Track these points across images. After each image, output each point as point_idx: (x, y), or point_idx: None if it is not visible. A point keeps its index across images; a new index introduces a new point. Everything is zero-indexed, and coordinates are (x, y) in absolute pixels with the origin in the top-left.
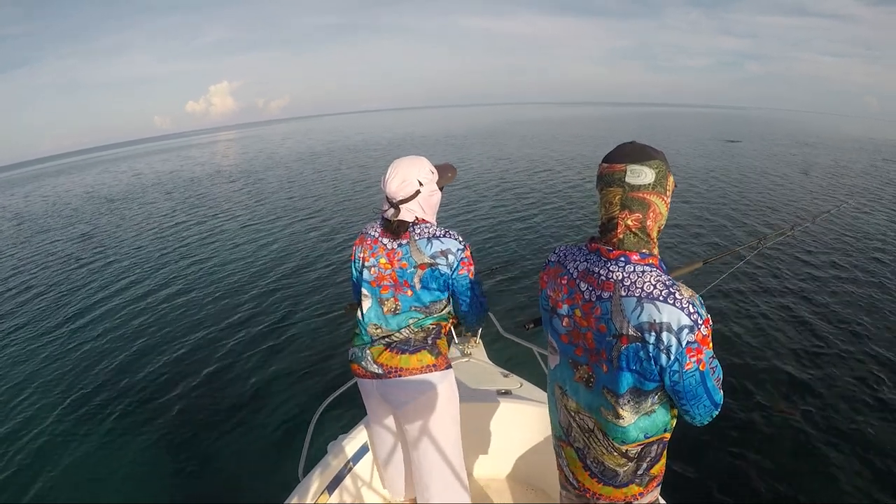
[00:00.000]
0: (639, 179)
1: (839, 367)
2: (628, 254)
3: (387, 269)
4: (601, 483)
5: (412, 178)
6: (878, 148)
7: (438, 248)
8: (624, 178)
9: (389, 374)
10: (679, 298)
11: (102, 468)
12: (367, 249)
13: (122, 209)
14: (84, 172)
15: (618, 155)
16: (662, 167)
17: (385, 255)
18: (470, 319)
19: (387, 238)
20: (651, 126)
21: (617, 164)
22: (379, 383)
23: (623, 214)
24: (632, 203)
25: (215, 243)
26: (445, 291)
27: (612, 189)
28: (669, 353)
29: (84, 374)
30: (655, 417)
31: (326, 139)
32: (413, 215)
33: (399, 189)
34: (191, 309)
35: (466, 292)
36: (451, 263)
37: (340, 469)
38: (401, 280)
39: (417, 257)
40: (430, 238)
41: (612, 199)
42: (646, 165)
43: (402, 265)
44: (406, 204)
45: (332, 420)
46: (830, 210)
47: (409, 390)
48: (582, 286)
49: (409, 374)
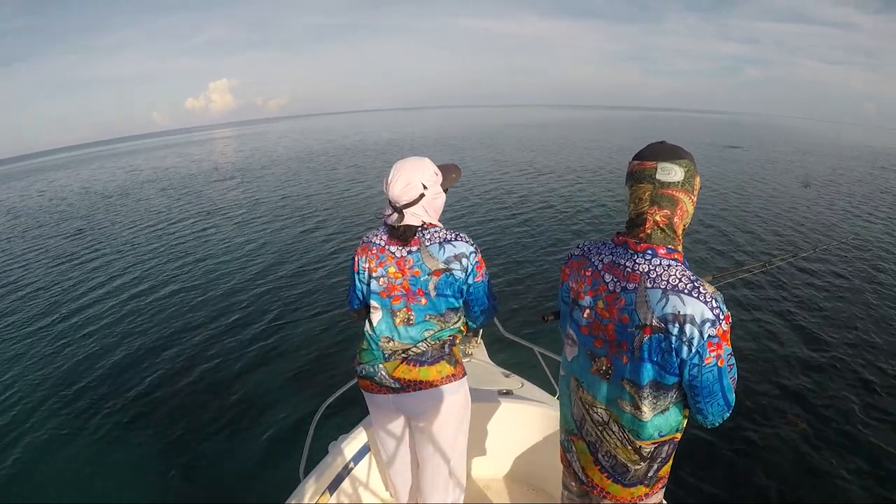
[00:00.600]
0: (669, 177)
1: (842, 376)
2: (655, 247)
3: (397, 279)
4: (610, 479)
5: (416, 180)
6: (877, 156)
7: (452, 253)
8: (655, 174)
9: (408, 387)
10: (703, 293)
11: (102, 469)
12: (372, 259)
13: (118, 205)
14: (81, 167)
15: (649, 153)
16: (691, 167)
17: (394, 264)
18: (483, 321)
19: (394, 246)
20: (652, 129)
21: (648, 162)
22: (395, 397)
23: (652, 210)
24: (661, 199)
25: (214, 242)
26: (460, 298)
27: (642, 185)
28: (691, 346)
29: (82, 374)
30: (669, 416)
31: (324, 138)
32: (419, 219)
33: (403, 192)
34: (190, 308)
35: (482, 296)
36: (466, 267)
37: (341, 469)
38: (413, 288)
39: (431, 263)
40: (441, 243)
41: (641, 195)
42: (676, 164)
43: (414, 273)
44: (410, 208)
45: (333, 420)
46: (839, 241)
47: (429, 401)
48: (607, 277)
49: (430, 387)
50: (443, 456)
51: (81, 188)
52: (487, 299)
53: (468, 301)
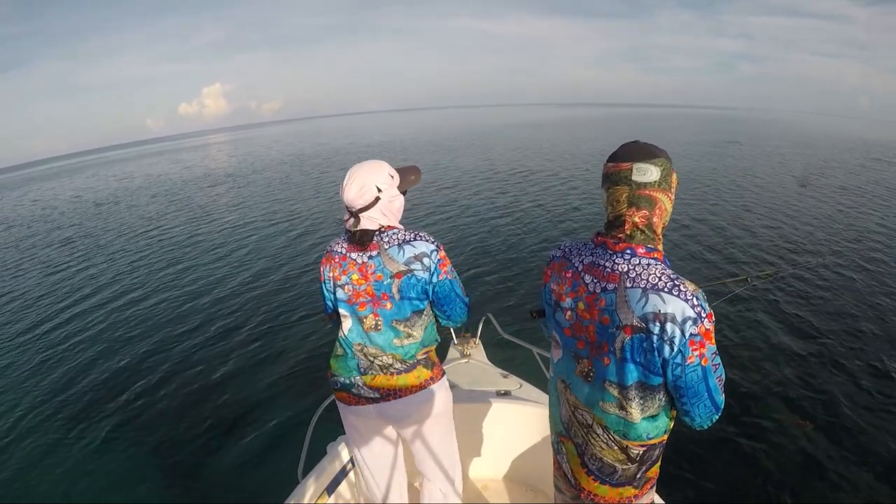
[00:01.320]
0: (645, 177)
1: (836, 373)
2: (634, 247)
3: (361, 285)
4: (597, 481)
5: (370, 184)
6: (870, 149)
7: (412, 254)
8: (630, 176)
9: (389, 396)
10: (683, 291)
11: (101, 469)
12: (336, 268)
13: (109, 213)
14: (75, 176)
15: (623, 154)
16: (667, 165)
17: (357, 271)
18: (455, 319)
19: (355, 252)
20: (648, 128)
21: (623, 163)
22: (377, 406)
23: (630, 212)
24: (639, 200)
25: (205, 247)
26: (425, 300)
27: (618, 187)
28: (673, 345)
29: (80, 377)
30: (658, 421)
31: (317, 142)
32: (376, 223)
33: (357, 196)
34: (186, 311)
35: (450, 294)
36: (429, 267)
37: (339, 470)
38: (378, 293)
39: (392, 266)
40: (400, 244)
41: (619, 196)
42: (651, 163)
43: (377, 277)
44: (366, 212)
45: (332, 421)
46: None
47: (412, 406)
48: (586, 279)
49: (410, 393)
50: (435, 458)
51: (74, 196)
52: (455, 297)
53: (435, 301)
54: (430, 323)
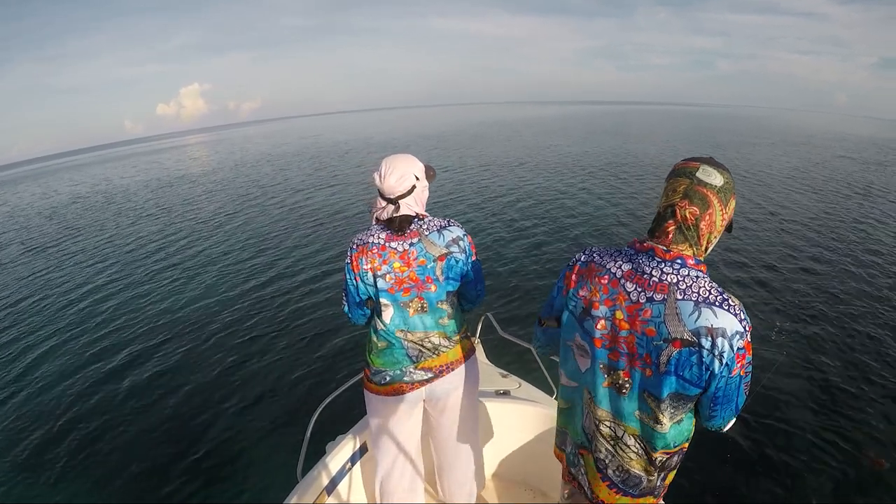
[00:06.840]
0: (708, 178)
1: (840, 374)
2: (685, 257)
3: (403, 272)
4: (619, 493)
5: (409, 172)
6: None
7: (450, 237)
8: (695, 172)
9: (443, 372)
10: (732, 305)
11: (100, 469)
12: (375, 258)
13: (85, 217)
14: (52, 178)
15: (696, 158)
16: (731, 183)
17: (398, 259)
18: (477, 301)
19: (394, 241)
20: (627, 123)
21: (693, 162)
22: (429, 387)
23: (683, 203)
24: (694, 195)
25: (210, 247)
26: (458, 281)
27: (679, 179)
28: (722, 359)
29: (78, 375)
30: (682, 427)
31: (299, 142)
32: (413, 210)
33: (398, 184)
34: (184, 312)
35: (479, 273)
36: (464, 249)
37: (339, 470)
38: (422, 277)
39: (434, 250)
40: (439, 230)
41: (676, 186)
42: (718, 171)
43: (420, 262)
44: (405, 199)
45: (331, 421)
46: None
47: (457, 378)
48: (628, 286)
49: (459, 365)
50: (468, 426)
51: (48, 200)
52: (480, 280)
53: (468, 282)
54: (457, 302)
